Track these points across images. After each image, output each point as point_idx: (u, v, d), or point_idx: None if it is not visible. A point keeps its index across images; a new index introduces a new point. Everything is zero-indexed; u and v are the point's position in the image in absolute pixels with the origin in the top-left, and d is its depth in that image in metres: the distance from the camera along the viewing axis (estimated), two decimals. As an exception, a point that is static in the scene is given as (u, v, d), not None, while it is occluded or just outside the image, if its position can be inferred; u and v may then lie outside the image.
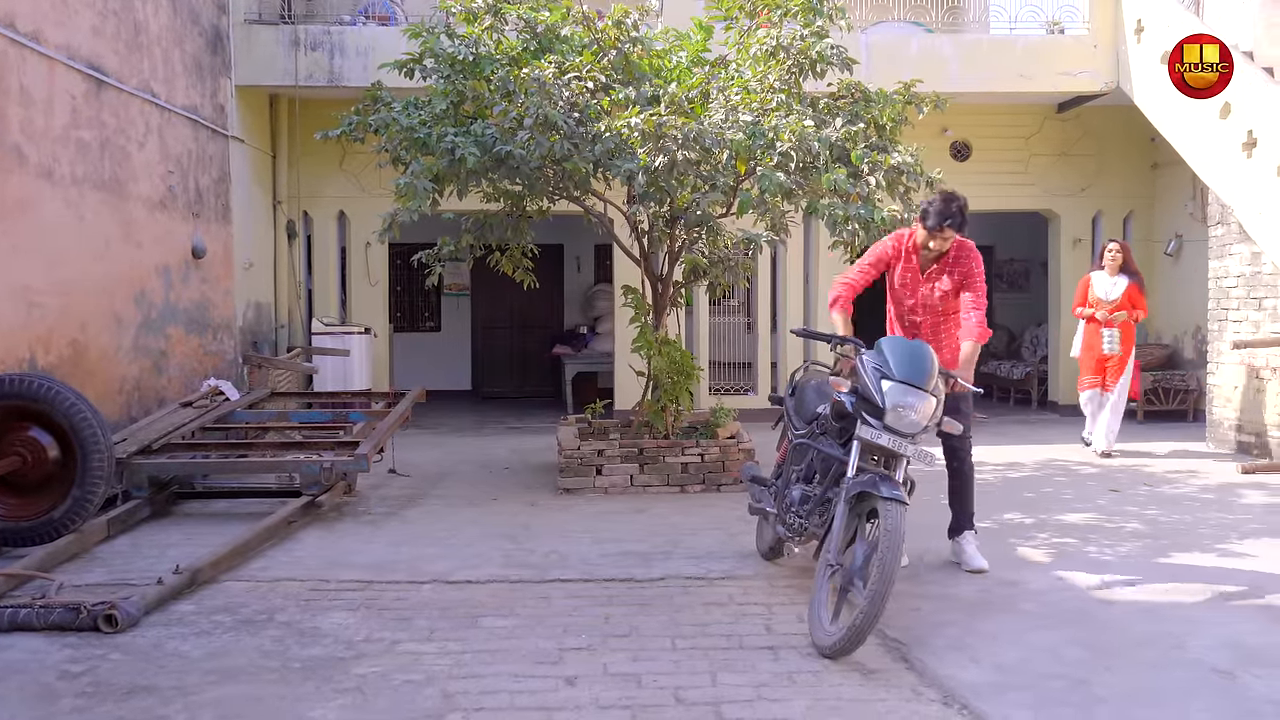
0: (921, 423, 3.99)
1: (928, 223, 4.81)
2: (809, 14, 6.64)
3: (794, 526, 4.35)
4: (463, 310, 14.28)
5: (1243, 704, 3.31)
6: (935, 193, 4.94)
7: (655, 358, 7.01)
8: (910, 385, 3.97)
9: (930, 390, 4.01)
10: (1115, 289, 8.27)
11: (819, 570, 3.96)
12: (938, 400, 4.06)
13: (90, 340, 6.86)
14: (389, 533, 5.80)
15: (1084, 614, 4.24)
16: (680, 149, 5.98)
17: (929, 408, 3.99)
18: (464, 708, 3.28)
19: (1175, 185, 10.69)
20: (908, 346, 4.16)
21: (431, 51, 6.85)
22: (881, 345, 4.17)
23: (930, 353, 4.15)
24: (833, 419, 4.26)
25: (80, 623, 3.97)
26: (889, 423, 3.94)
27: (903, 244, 5.00)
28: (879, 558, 3.62)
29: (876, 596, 3.54)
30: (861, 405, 4.03)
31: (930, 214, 4.80)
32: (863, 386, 4.05)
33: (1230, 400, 8.67)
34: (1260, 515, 6.12)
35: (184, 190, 8.31)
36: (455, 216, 7.46)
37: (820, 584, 3.89)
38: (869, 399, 4.00)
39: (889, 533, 3.65)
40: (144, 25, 7.69)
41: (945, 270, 4.94)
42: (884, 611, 3.60)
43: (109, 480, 5.35)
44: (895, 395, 3.95)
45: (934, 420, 4.07)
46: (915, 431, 3.98)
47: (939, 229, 4.79)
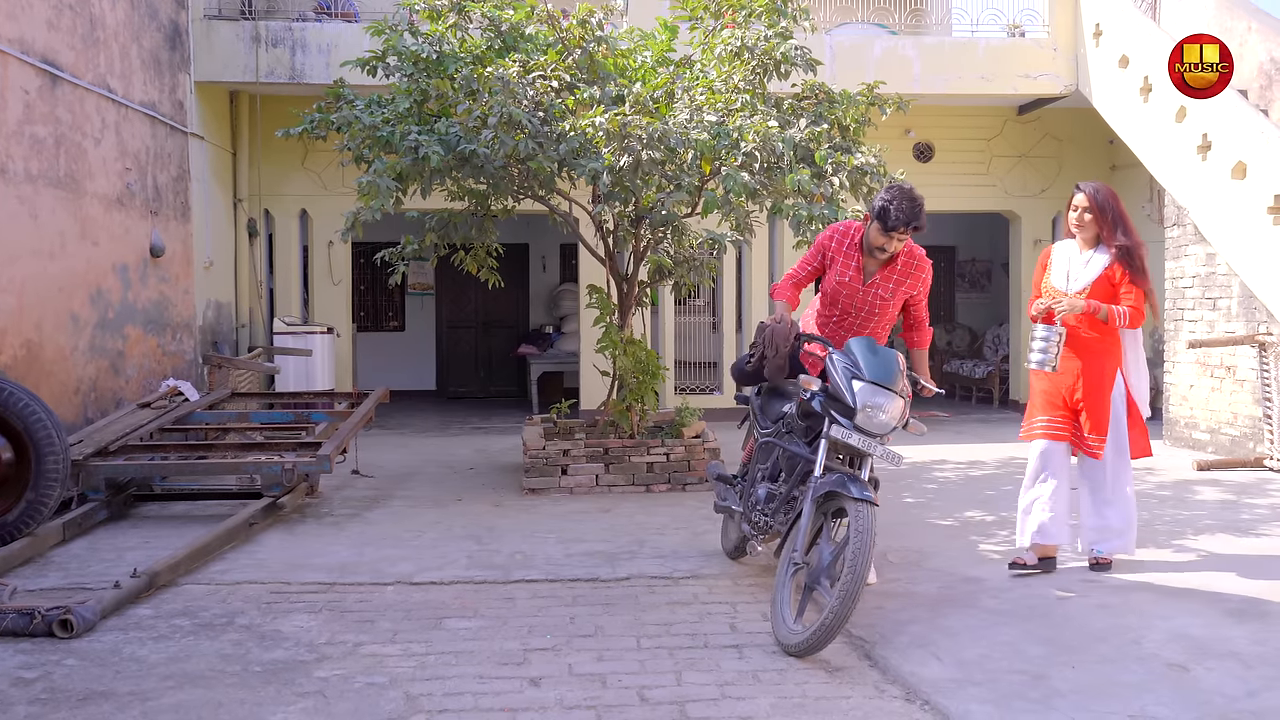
0: (891, 423, 4.02)
1: (888, 223, 4.36)
2: (773, 15, 6.67)
3: (759, 525, 4.37)
4: (427, 309, 14.20)
5: (1194, 695, 3.37)
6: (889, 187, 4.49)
7: (620, 357, 7.01)
8: (880, 386, 4.00)
9: (899, 391, 4.05)
10: (1086, 270, 4.78)
11: (781, 568, 3.97)
12: (905, 402, 4.10)
13: (45, 340, 6.73)
14: (352, 534, 5.75)
15: (1044, 610, 4.29)
16: (645, 149, 5.98)
17: (898, 408, 4.02)
18: (427, 710, 3.26)
19: (1133, 187, 10.87)
20: (877, 349, 4.18)
21: (394, 49, 6.80)
22: (851, 346, 4.18)
23: (898, 355, 4.18)
24: (799, 418, 4.28)
25: (34, 628, 3.89)
26: (859, 423, 3.96)
27: (845, 240, 4.59)
28: (850, 558, 3.63)
29: (847, 596, 3.56)
30: (831, 405, 4.06)
31: (891, 214, 4.34)
32: (834, 386, 4.07)
33: (1186, 398, 8.83)
34: (1214, 511, 6.24)
35: (142, 188, 8.18)
36: (419, 215, 7.43)
37: (783, 581, 3.91)
38: (839, 399, 4.03)
39: (860, 534, 3.66)
40: (100, 19, 7.57)
41: (891, 281, 4.59)
42: (854, 611, 3.63)
43: (64, 483, 5.25)
44: (866, 395, 3.97)
45: (902, 421, 4.10)
46: (884, 432, 4.01)
47: (899, 231, 4.38)
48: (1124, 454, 4.79)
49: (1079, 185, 4.80)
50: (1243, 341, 7.88)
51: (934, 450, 8.70)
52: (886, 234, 4.41)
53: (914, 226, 4.39)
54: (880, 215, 4.41)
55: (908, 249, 4.59)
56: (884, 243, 4.45)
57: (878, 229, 4.43)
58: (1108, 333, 4.71)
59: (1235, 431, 8.17)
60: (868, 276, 4.59)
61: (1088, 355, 4.71)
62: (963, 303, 14.75)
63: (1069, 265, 4.81)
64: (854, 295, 4.61)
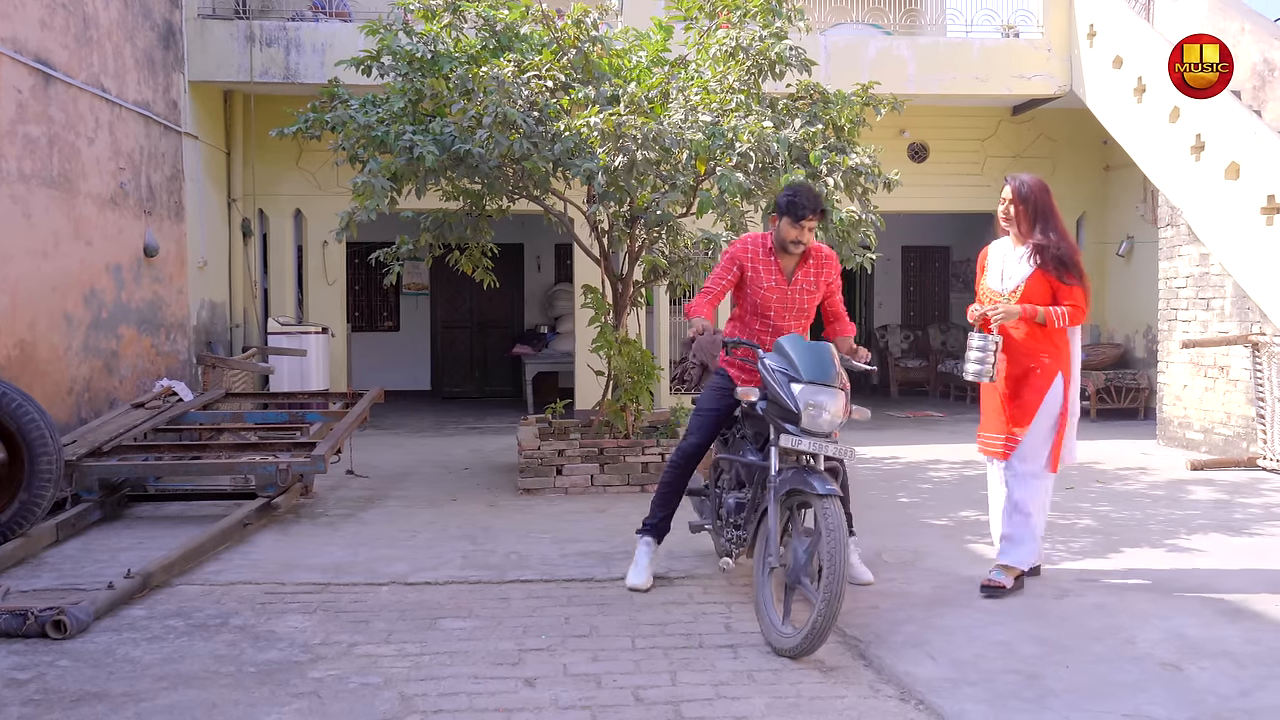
0: (836, 420, 3.97)
1: (798, 213, 4.43)
2: (768, 15, 6.68)
3: (735, 539, 4.34)
4: (422, 310, 14.18)
5: (1188, 695, 3.38)
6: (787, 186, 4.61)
7: (615, 357, 7.00)
8: (819, 385, 3.97)
9: (838, 386, 4.02)
10: (1019, 268, 4.50)
11: (757, 571, 3.97)
12: (846, 393, 4.06)
13: (39, 340, 6.72)
14: (346, 534, 5.74)
15: (1038, 610, 4.30)
16: (640, 149, 5.98)
17: (840, 404, 3.98)
18: (422, 710, 3.26)
19: (1127, 187, 10.91)
20: (808, 345, 4.13)
21: (389, 49, 6.79)
22: (783, 346, 4.13)
23: (831, 348, 4.15)
24: (748, 426, 4.28)
25: (28, 629, 3.88)
26: (805, 425, 3.93)
27: (759, 248, 4.60)
28: (827, 556, 3.61)
29: (832, 596, 3.55)
30: (774, 410, 4.04)
31: (799, 203, 4.42)
32: (772, 392, 4.04)
33: (1180, 398, 8.85)
34: (1208, 510, 6.26)
35: (136, 187, 8.16)
36: (414, 215, 7.42)
37: (762, 584, 3.90)
38: (780, 403, 3.99)
39: (831, 530, 3.63)
40: (94, 19, 7.55)
41: (811, 276, 4.63)
42: (841, 608, 3.63)
43: (57, 483, 5.24)
44: (807, 396, 3.93)
45: (846, 414, 4.07)
46: (831, 429, 3.98)
47: (807, 218, 4.44)
48: (1043, 461, 4.46)
49: (1007, 177, 4.56)
50: (1236, 341, 7.91)
51: (929, 450, 8.72)
52: (798, 225, 4.47)
53: (821, 211, 4.51)
54: (789, 209, 4.47)
55: (816, 247, 4.67)
56: (797, 234, 4.50)
57: (789, 223, 4.48)
58: (1047, 338, 4.41)
59: (1229, 431, 8.19)
60: (790, 277, 4.63)
61: (1028, 358, 4.44)
62: (957, 303, 14.77)
63: (1003, 264, 4.54)
64: (783, 298, 4.63)
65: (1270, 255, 7.48)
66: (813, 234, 4.56)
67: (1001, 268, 4.55)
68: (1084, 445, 8.66)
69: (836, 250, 6.69)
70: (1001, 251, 4.59)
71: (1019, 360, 4.45)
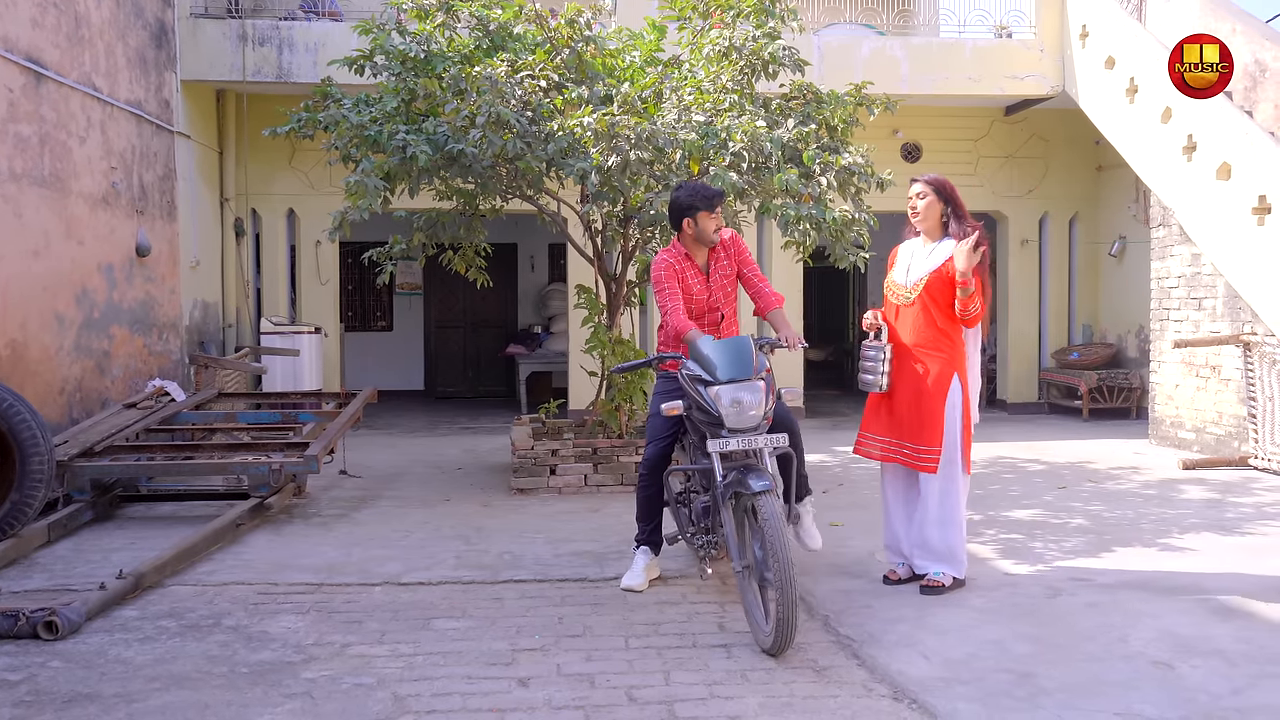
0: (761, 414, 3.99)
1: (711, 203, 4.57)
2: (761, 15, 6.68)
3: (706, 544, 4.35)
4: (415, 309, 14.16)
5: (1180, 693, 3.39)
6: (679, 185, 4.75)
7: (609, 357, 7.00)
8: (735, 381, 3.98)
9: (757, 375, 4.03)
10: (928, 260, 4.52)
11: (736, 577, 4.01)
12: (767, 383, 4.07)
13: (30, 339, 6.69)
14: (340, 535, 5.73)
15: (1031, 609, 4.31)
16: (633, 149, 5.98)
17: (760, 394, 3.99)
18: (415, 710, 3.26)
19: (1119, 188, 10.94)
20: (719, 344, 4.16)
21: (382, 48, 6.78)
22: (698, 349, 4.15)
23: (746, 340, 4.17)
24: (693, 433, 4.31)
25: (19, 630, 3.86)
26: (731, 425, 3.95)
27: (677, 257, 4.68)
28: (770, 549, 3.65)
29: (783, 586, 3.56)
30: (701, 418, 4.06)
31: (706, 195, 4.58)
32: (693, 401, 4.08)
33: (1172, 398, 8.88)
34: (1199, 510, 6.28)
35: (128, 187, 8.14)
36: (407, 215, 7.41)
37: (743, 588, 3.94)
38: (704, 410, 4.03)
39: (768, 521, 3.68)
40: (85, 18, 7.52)
41: (723, 261, 4.72)
42: (797, 597, 3.61)
43: (49, 483, 5.22)
44: (725, 396, 3.97)
45: (772, 403, 4.08)
46: (759, 422, 4.00)
47: (719, 203, 4.61)
48: (956, 469, 4.43)
49: (913, 179, 4.63)
50: (1228, 341, 7.93)
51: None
52: (714, 213, 4.62)
53: (723, 195, 4.75)
54: (704, 202, 4.59)
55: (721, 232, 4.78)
56: (716, 223, 4.64)
57: (706, 215, 4.59)
58: (943, 337, 4.44)
59: (1220, 431, 8.22)
60: (707, 271, 4.74)
61: (924, 363, 4.45)
62: (950, 303, 14.79)
63: (910, 259, 4.58)
64: (711, 295, 4.72)
65: (1261, 255, 7.51)
66: (720, 224, 4.71)
67: (908, 263, 4.60)
68: (1076, 444, 8.77)
69: (830, 250, 6.72)
70: (910, 249, 4.66)
71: (910, 365, 4.48)
